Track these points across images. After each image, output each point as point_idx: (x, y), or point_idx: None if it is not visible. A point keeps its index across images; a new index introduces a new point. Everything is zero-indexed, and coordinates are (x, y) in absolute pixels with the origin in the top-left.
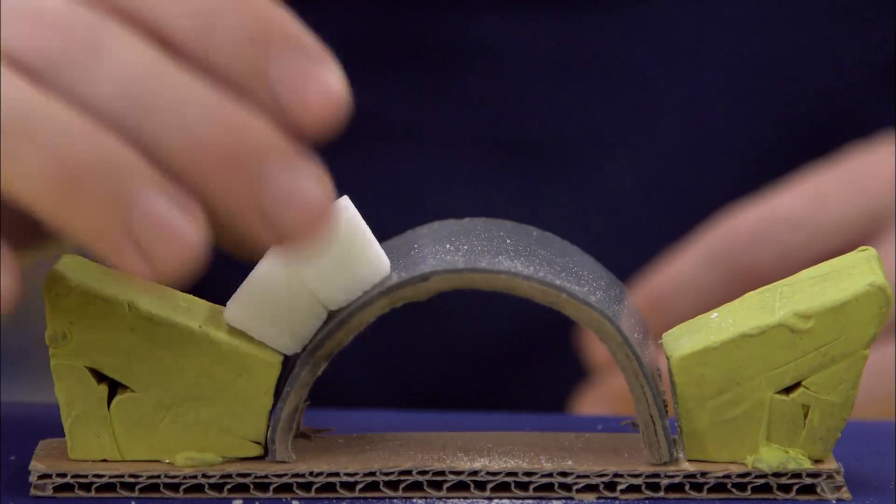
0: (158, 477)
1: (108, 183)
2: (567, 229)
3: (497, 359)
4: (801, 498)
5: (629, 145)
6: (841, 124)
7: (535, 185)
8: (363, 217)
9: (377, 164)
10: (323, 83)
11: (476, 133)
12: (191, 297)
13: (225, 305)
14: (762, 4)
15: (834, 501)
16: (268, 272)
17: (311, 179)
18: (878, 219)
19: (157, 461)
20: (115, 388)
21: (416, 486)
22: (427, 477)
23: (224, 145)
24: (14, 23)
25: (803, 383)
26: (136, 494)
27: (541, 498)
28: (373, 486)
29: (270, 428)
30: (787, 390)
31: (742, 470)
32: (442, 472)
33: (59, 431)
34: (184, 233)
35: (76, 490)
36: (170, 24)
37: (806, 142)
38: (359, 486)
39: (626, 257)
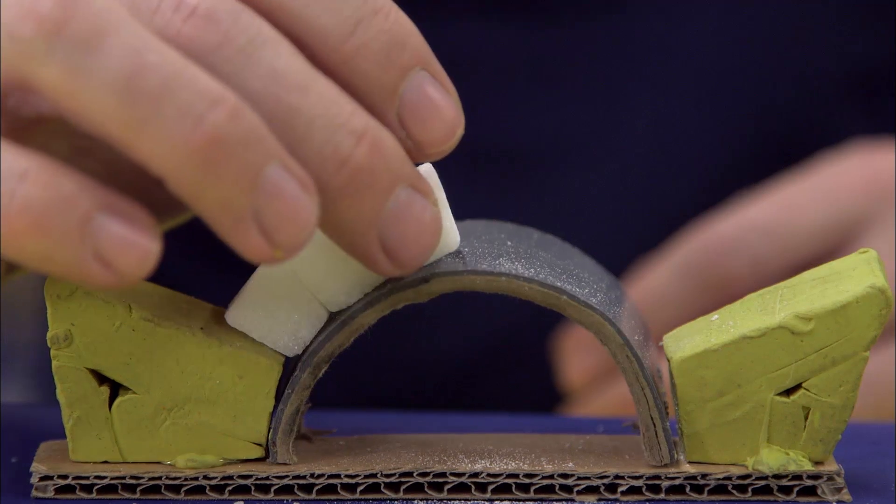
0: (160, 479)
1: (244, 153)
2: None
3: (479, 365)
4: (802, 500)
5: (600, 154)
6: (810, 134)
7: (505, 193)
8: None
9: None
10: (445, 112)
11: None
12: (192, 298)
13: (227, 307)
14: (732, 15)
15: (834, 503)
16: (269, 274)
17: (426, 205)
18: (849, 227)
19: (159, 463)
20: (116, 389)
21: (417, 488)
22: (428, 478)
23: (364, 161)
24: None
25: (804, 385)
26: (137, 496)
27: (542, 500)
28: (374, 488)
29: (271, 430)
30: (788, 392)
31: (743, 472)
32: (443, 474)
33: (60, 433)
34: (306, 216)
35: (77, 492)
36: (314, 21)
37: (776, 151)
38: (360, 488)
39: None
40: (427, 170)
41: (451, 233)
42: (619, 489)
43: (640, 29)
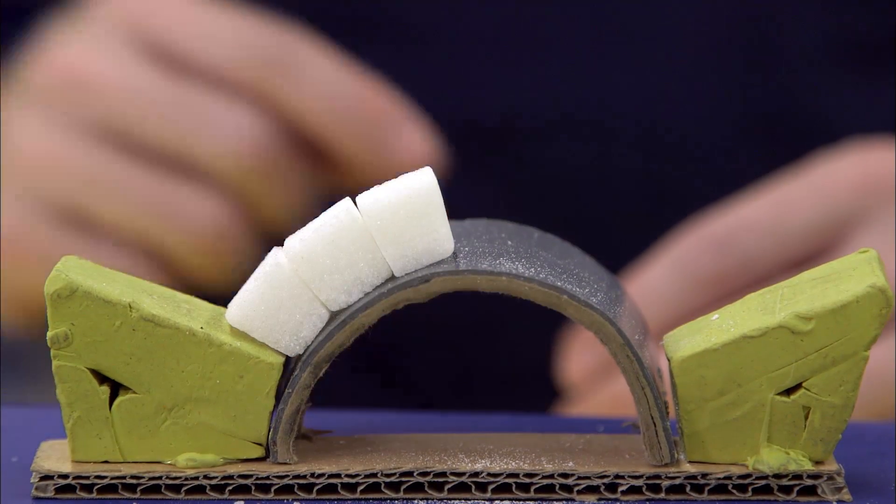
0: (160, 478)
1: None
2: (517, 215)
3: (479, 363)
4: (802, 499)
5: (587, 129)
6: (804, 129)
7: (487, 167)
8: None
9: None
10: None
11: (427, 113)
12: (193, 298)
13: (227, 307)
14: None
15: (835, 503)
16: (270, 274)
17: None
18: (842, 225)
19: (159, 462)
20: (116, 389)
21: (417, 488)
22: (428, 478)
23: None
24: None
25: (804, 385)
26: (137, 496)
27: (542, 499)
28: (374, 488)
29: (272, 429)
30: (788, 392)
31: (743, 471)
32: (443, 474)
33: (60, 433)
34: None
35: (78, 491)
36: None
37: (770, 143)
38: (360, 488)
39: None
40: (426, 173)
41: (445, 240)
42: (620, 489)
43: (634, 9)
